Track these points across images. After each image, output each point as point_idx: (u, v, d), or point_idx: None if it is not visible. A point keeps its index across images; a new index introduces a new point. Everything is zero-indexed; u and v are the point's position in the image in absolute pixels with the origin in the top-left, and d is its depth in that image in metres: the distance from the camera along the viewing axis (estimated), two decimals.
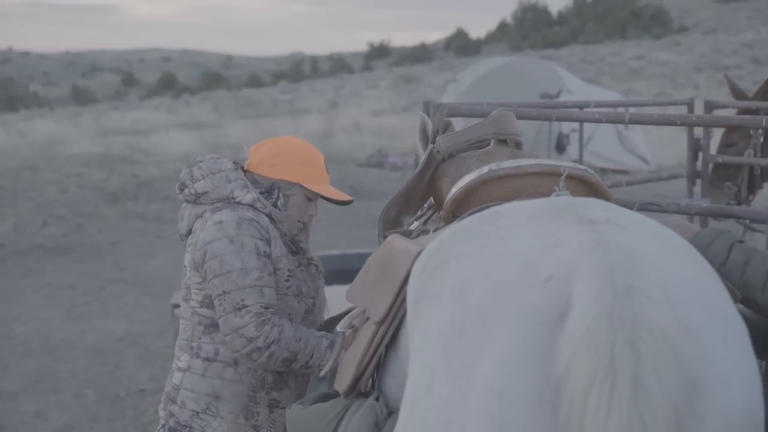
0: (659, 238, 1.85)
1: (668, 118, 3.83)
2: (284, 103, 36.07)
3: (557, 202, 1.97)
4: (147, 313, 8.52)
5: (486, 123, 2.60)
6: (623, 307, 1.55)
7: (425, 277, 1.94)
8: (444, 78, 38.35)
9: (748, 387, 1.69)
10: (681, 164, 9.84)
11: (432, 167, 2.62)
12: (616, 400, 1.48)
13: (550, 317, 1.63)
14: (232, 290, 2.76)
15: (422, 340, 1.85)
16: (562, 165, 2.26)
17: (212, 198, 2.91)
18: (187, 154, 19.12)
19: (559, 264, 1.69)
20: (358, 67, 64.17)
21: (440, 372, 1.73)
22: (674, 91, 32.83)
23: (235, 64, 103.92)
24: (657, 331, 1.53)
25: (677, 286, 1.69)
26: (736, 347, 1.70)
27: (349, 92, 39.71)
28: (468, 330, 1.71)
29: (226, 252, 2.77)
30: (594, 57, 45.87)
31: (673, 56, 44.91)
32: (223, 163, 2.99)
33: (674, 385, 1.51)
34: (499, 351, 1.65)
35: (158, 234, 12.10)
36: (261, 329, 2.75)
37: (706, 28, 59.05)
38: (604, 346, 1.51)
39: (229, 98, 40.22)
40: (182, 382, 2.89)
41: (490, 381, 1.64)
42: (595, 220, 1.78)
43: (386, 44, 79.63)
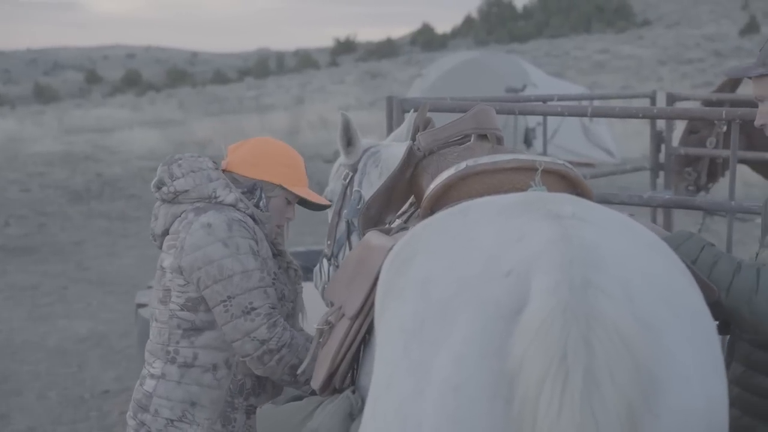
0: (627, 233, 1.83)
1: (630, 111, 3.84)
2: (250, 100, 35.91)
3: (527, 196, 1.96)
4: (111, 313, 8.42)
5: (466, 118, 2.58)
6: (579, 301, 1.54)
7: (393, 272, 1.93)
8: (410, 73, 38.42)
9: (710, 385, 1.68)
10: (645, 156, 9.92)
11: (412, 164, 2.60)
12: (568, 395, 1.46)
13: (508, 311, 1.62)
14: (237, 294, 2.69)
15: (385, 334, 1.84)
16: (539, 160, 2.25)
17: (192, 197, 2.84)
18: (151, 151, 18.99)
19: (520, 258, 1.68)
20: (324, 63, 64.06)
21: (400, 367, 1.72)
22: (638, 84, 33.15)
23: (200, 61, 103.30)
24: (611, 326, 1.52)
25: (640, 282, 1.67)
26: (699, 345, 1.69)
27: (315, 88, 39.64)
28: (428, 324, 1.70)
29: (223, 256, 2.70)
30: (559, 51, 46.17)
31: (636, 50, 45.34)
32: (204, 162, 2.92)
33: (627, 381, 1.49)
34: (456, 345, 1.64)
35: (123, 233, 11.98)
36: (273, 330, 2.71)
37: (668, 21, 59.67)
38: (557, 341, 1.50)
39: (195, 95, 39.99)
40: (155, 389, 2.80)
41: (446, 375, 1.63)
42: (561, 215, 1.77)
43: (352, 40, 79.58)
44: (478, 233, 1.81)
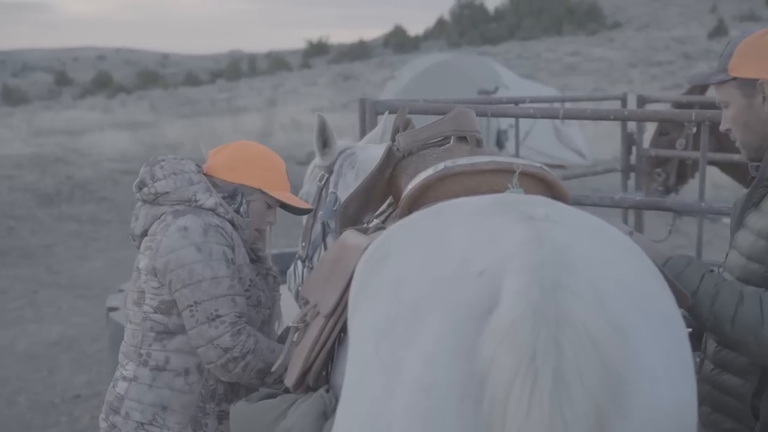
0: (600, 236, 1.84)
1: (601, 113, 3.87)
2: (222, 102, 35.76)
3: (501, 198, 1.96)
4: (82, 317, 8.34)
5: (445, 120, 2.58)
6: (549, 303, 1.54)
7: (367, 271, 1.93)
8: (383, 75, 38.45)
9: (679, 388, 1.69)
10: (617, 158, 9.99)
11: (391, 164, 2.60)
12: (537, 395, 1.47)
13: (479, 312, 1.62)
14: (204, 300, 2.68)
15: (357, 334, 1.84)
16: (517, 162, 2.26)
17: (173, 199, 2.82)
18: (122, 154, 18.84)
19: (492, 259, 1.68)
20: (296, 65, 63.95)
21: (371, 367, 1.72)
22: (609, 86, 33.39)
23: (172, 63, 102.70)
24: (581, 328, 1.52)
25: (611, 284, 1.68)
26: (669, 348, 1.70)
27: (287, 90, 39.55)
28: (400, 324, 1.70)
29: (194, 261, 2.68)
30: (530, 53, 46.42)
31: (607, 52, 45.69)
32: (187, 165, 2.90)
33: (596, 382, 1.50)
34: (427, 345, 1.64)
35: (94, 236, 11.88)
36: (237, 338, 2.69)
37: (638, 24, 60.21)
38: (527, 342, 1.50)
39: (166, 97, 39.75)
40: (127, 392, 2.79)
41: (416, 375, 1.63)
42: (534, 217, 1.77)
43: (325, 42, 79.51)
44: (452, 234, 1.81)
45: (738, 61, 2.31)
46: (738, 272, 2.32)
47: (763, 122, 2.31)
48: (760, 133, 2.33)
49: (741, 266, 2.30)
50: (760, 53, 2.28)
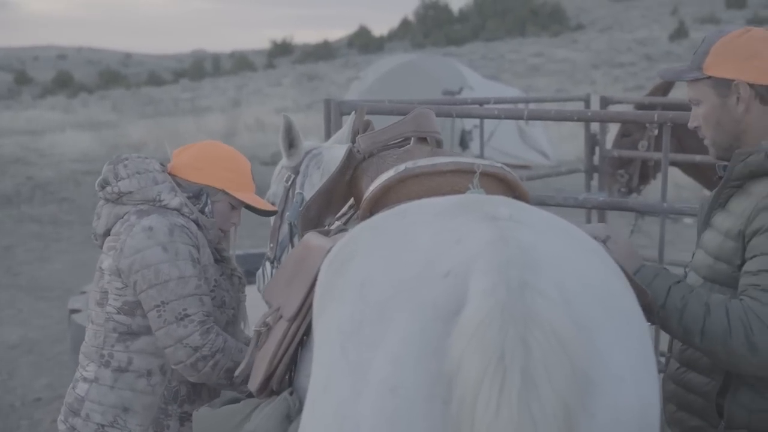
0: (564, 236, 1.86)
1: (565, 113, 3.90)
2: (185, 102, 35.54)
3: (465, 199, 1.97)
4: (43, 319, 8.24)
5: (405, 121, 2.59)
6: (516, 302, 1.55)
7: (331, 273, 1.93)
8: (347, 75, 38.43)
9: (643, 384, 1.71)
10: (580, 159, 10.07)
11: (352, 166, 2.60)
12: (505, 394, 1.48)
13: (446, 312, 1.63)
14: (171, 300, 2.66)
15: (323, 336, 1.83)
16: (477, 163, 2.27)
17: (137, 199, 2.79)
18: (84, 154, 18.65)
19: (458, 260, 1.69)
20: (260, 65, 63.71)
21: (338, 368, 1.71)
22: (572, 87, 33.68)
23: (134, 62, 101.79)
24: (548, 327, 1.53)
25: (575, 283, 1.70)
26: (632, 346, 1.73)
27: (251, 90, 39.39)
28: (366, 326, 1.70)
29: (160, 261, 2.66)
30: (494, 54, 46.68)
31: (570, 53, 46.08)
32: (151, 164, 2.87)
33: (564, 381, 1.51)
34: (394, 346, 1.64)
35: (55, 237, 11.73)
36: (206, 337, 2.67)
37: (601, 25, 60.79)
38: (495, 342, 1.51)
39: (129, 97, 39.41)
40: (88, 393, 2.75)
41: (383, 376, 1.63)
42: (498, 217, 1.78)
43: (289, 42, 79.27)
44: (416, 235, 1.82)
45: (714, 60, 2.32)
46: (705, 272, 2.33)
47: (735, 122, 2.33)
48: (731, 133, 2.35)
49: (708, 266, 2.32)
50: (737, 54, 2.30)
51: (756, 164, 2.25)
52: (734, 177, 2.30)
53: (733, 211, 2.28)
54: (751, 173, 2.26)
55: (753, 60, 2.28)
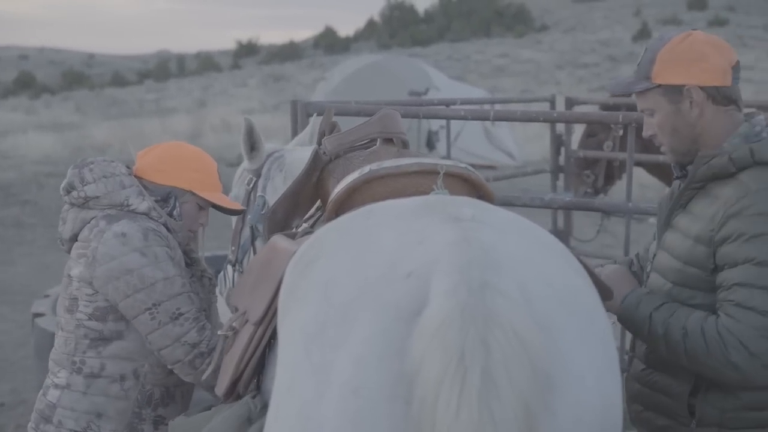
0: (526, 235, 1.87)
1: (531, 114, 3.93)
2: (150, 103, 35.26)
3: (428, 200, 1.98)
4: (5, 323, 8.12)
5: (371, 122, 2.59)
6: (477, 303, 1.56)
7: (296, 275, 1.93)
8: (313, 76, 38.37)
9: (604, 382, 1.73)
10: (546, 159, 10.13)
11: (318, 168, 2.60)
12: (466, 394, 1.49)
13: (408, 313, 1.64)
14: (163, 301, 2.64)
15: (287, 338, 1.84)
16: (441, 163, 2.28)
17: (103, 203, 2.75)
18: (47, 156, 18.41)
19: (421, 261, 1.70)
20: (226, 66, 63.37)
21: (301, 370, 1.72)
22: (537, 88, 33.89)
23: (98, 63, 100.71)
24: (508, 327, 1.55)
25: (537, 283, 1.71)
26: (594, 344, 1.74)
27: (217, 91, 39.17)
28: (329, 327, 1.70)
29: (142, 265, 2.63)
30: (460, 55, 46.85)
31: (535, 54, 46.37)
32: (117, 167, 2.83)
33: (524, 380, 1.52)
34: (357, 347, 1.65)
35: (18, 240, 11.56)
36: (203, 333, 2.66)
37: (565, 26, 61.23)
38: (455, 342, 1.52)
39: (92, 98, 39.00)
40: (60, 400, 2.71)
41: (346, 377, 1.64)
42: (461, 218, 1.80)
43: (255, 42, 78.94)
44: (380, 236, 1.82)
45: (661, 68, 2.33)
46: (673, 276, 2.34)
47: (691, 126, 2.35)
48: (688, 137, 2.36)
49: (677, 270, 2.33)
50: (683, 59, 2.31)
51: (719, 167, 2.27)
52: (697, 179, 2.31)
53: (700, 215, 2.29)
54: (714, 175, 2.28)
55: (700, 63, 2.30)
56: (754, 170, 2.23)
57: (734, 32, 50.58)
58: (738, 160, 2.24)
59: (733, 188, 2.23)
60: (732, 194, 2.21)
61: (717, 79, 2.31)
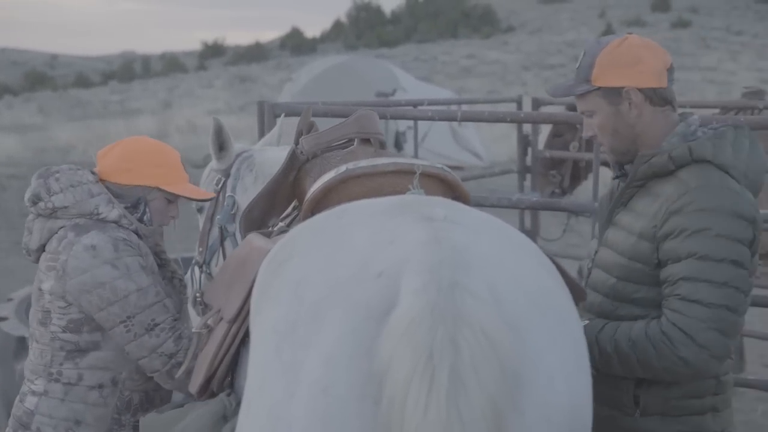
0: (499, 236, 1.88)
1: (498, 115, 3.95)
2: (115, 104, 34.96)
3: (402, 200, 1.99)
4: None
5: (348, 122, 2.60)
6: (446, 302, 1.57)
7: (269, 274, 1.93)
8: (280, 77, 38.26)
9: (573, 383, 1.74)
10: (513, 159, 10.19)
11: (295, 167, 2.60)
12: (434, 394, 1.49)
13: (378, 312, 1.64)
14: (137, 313, 2.61)
15: (259, 337, 1.84)
16: (417, 163, 2.28)
17: (72, 213, 2.70)
18: (10, 158, 18.19)
19: (391, 260, 1.70)
20: (192, 67, 63.03)
21: (272, 369, 1.72)
22: (504, 89, 34.08)
23: (61, 64, 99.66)
24: (477, 327, 1.55)
25: (508, 284, 1.72)
26: (564, 344, 1.75)
27: (183, 92, 38.92)
28: (300, 326, 1.70)
29: (114, 278, 2.60)
30: (427, 56, 46.98)
31: (501, 55, 46.63)
32: (84, 175, 2.78)
33: (492, 380, 1.53)
34: (326, 346, 1.65)
35: None
36: (179, 343, 2.65)
37: (531, 28, 61.65)
38: (424, 341, 1.53)
39: (56, 99, 38.58)
40: (37, 407, 2.68)
41: (316, 377, 1.64)
42: (433, 218, 1.80)
43: (221, 43, 78.60)
44: (352, 235, 1.83)
45: (601, 71, 2.42)
46: (618, 271, 2.41)
47: (630, 127, 2.43)
48: (628, 137, 2.45)
49: (621, 265, 2.40)
50: (621, 62, 2.40)
51: (659, 165, 2.36)
52: (638, 177, 2.40)
53: (642, 212, 2.37)
54: (654, 174, 2.37)
55: (637, 65, 2.40)
56: (692, 168, 2.32)
57: (697, 34, 51.24)
58: (677, 158, 2.33)
59: (673, 186, 2.31)
60: (673, 191, 2.30)
61: (653, 81, 2.40)
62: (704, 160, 2.31)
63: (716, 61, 40.33)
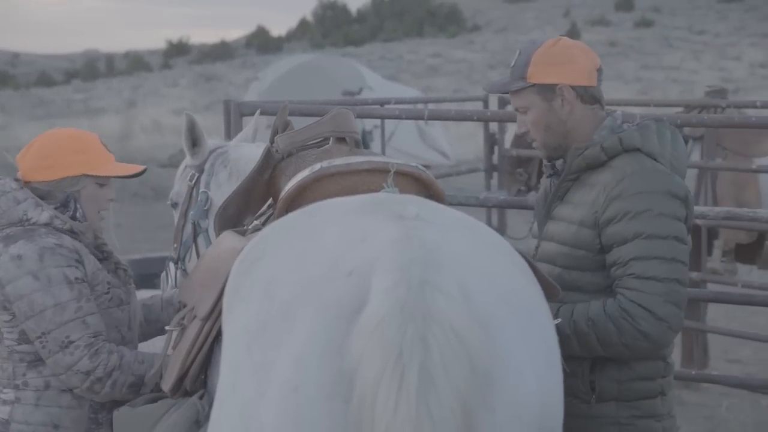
0: (470, 234, 1.89)
1: (465, 113, 3.98)
2: (78, 103, 34.56)
3: (374, 198, 2.00)
4: None
5: (324, 121, 2.62)
6: (416, 301, 1.58)
7: (241, 273, 1.93)
8: (246, 76, 38.04)
9: (544, 378, 1.76)
10: (479, 158, 10.25)
11: (270, 166, 2.60)
12: (404, 392, 1.50)
13: (349, 311, 1.65)
14: (52, 330, 2.57)
15: (230, 336, 1.84)
16: (392, 162, 2.29)
17: (2, 223, 2.67)
18: None
19: (363, 258, 1.71)
20: (156, 65, 62.48)
21: (243, 369, 1.72)
22: (470, 87, 34.14)
23: (23, 62, 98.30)
24: (447, 325, 1.56)
25: (478, 281, 1.73)
26: (534, 340, 1.77)
27: (147, 91, 38.57)
28: (271, 325, 1.71)
29: (32, 290, 2.56)
30: (393, 54, 47.00)
31: (467, 54, 46.79)
32: (6, 184, 2.74)
33: (462, 377, 1.54)
34: (297, 346, 1.65)
35: None
36: (96, 359, 2.59)
37: (496, 27, 61.93)
38: (394, 339, 1.54)
39: (18, 98, 38.03)
40: (12, 415, 2.65)
41: (287, 376, 1.64)
42: (405, 216, 1.81)
43: (185, 42, 77.93)
44: (324, 234, 1.83)
45: (536, 69, 2.55)
46: (562, 260, 2.52)
47: (562, 123, 2.57)
48: (559, 133, 2.58)
49: (565, 254, 2.51)
50: (555, 60, 2.54)
51: (592, 156, 2.50)
52: (573, 170, 2.54)
53: (580, 202, 2.51)
54: (587, 165, 2.51)
55: (570, 64, 2.55)
56: (624, 157, 2.49)
57: (660, 33, 51.75)
58: (609, 148, 2.48)
59: (610, 174, 2.46)
60: (611, 179, 2.44)
61: (585, 80, 2.56)
62: (634, 148, 2.47)
63: (679, 60, 40.74)
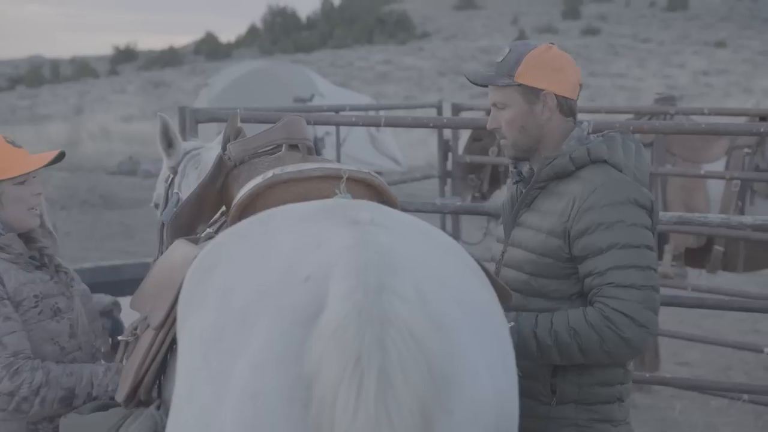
0: (423, 237, 1.91)
1: (421, 120, 3.99)
2: (23, 110, 34.00)
3: (327, 204, 2.00)
4: None
5: (276, 128, 2.62)
6: (373, 305, 1.59)
7: (195, 281, 1.93)
8: (195, 82, 37.79)
9: (500, 380, 1.79)
10: (431, 164, 10.28)
11: (223, 173, 2.59)
12: (363, 395, 1.51)
13: (306, 317, 1.65)
14: None
15: (186, 344, 1.83)
16: (344, 168, 2.30)
17: None
18: None
19: (318, 264, 1.71)
20: (103, 72, 61.72)
21: (200, 377, 1.71)
22: (420, 94, 34.37)
23: None
24: (404, 328, 1.58)
25: (433, 284, 1.75)
26: (489, 342, 1.80)
27: (94, 97, 38.09)
28: (228, 333, 1.70)
29: None
30: (343, 61, 47.05)
31: (417, 61, 47.03)
32: None
33: (420, 380, 1.55)
34: (255, 352, 1.65)
35: None
36: (18, 379, 2.53)
37: (446, 34, 62.34)
38: (352, 344, 1.54)
39: None
40: None
41: (244, 383, 1.64)
42: (359, 221, 1.82)
43: (133, 48, 77.14)
44: (279, 241, 1.83)
45: (526, 70, 2.55)
46: (529, 267, 2.53)
47: (539, 127, 2.59)
48: (533, 137, 2.60)
49: (532, 261, 2.52)
50: (546, 66, 2.56)
51: (561, 166, 2.52)
52: (541, 179, 2.56)
53: (549, 211, 2.52)
54: (556, 175, 2.54)
55: (560, 74, 2.57)
56: (591, 168, 2.51)
57: (606, 41, 52.59)
58: (577, 159, 2.51)
59: (580, 185, 2.48)
60: (582, 190, 2.46)
61: (569, 91, 2.59)
62: (601, 160, 2.50)
63: (625, 68, 41.47)
